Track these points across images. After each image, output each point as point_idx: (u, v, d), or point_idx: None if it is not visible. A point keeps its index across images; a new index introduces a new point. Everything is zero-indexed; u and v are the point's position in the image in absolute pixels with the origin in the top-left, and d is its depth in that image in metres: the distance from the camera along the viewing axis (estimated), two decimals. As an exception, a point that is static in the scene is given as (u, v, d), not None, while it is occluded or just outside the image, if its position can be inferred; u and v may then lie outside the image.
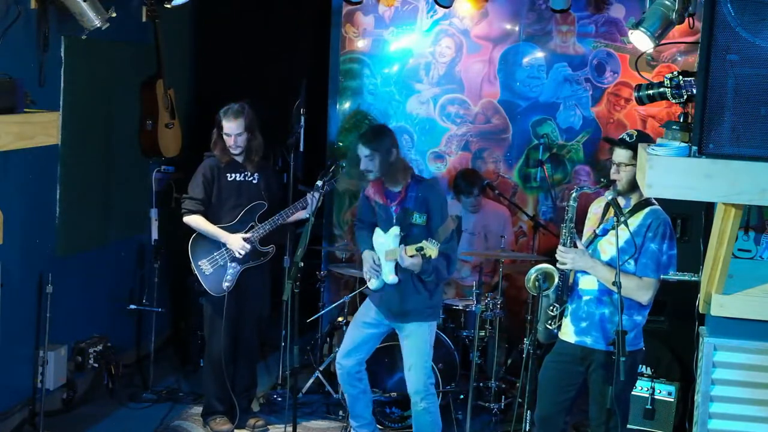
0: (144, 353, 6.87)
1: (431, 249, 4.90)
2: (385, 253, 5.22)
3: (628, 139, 4.41)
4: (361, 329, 5.42)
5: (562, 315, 4.60)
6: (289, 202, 5.98)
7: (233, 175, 5.75)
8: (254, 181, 5.79)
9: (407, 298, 5.24)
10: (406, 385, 5.32)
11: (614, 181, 4.45)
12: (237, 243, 5.65)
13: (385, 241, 5.24)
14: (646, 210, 4.46)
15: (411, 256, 5.02)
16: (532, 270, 4.59)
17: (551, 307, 4.58)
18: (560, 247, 4.50)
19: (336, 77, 7.35)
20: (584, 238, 4.62)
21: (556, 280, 4.54)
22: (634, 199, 4.49)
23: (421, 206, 5.18)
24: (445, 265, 5.20)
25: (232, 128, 5.65)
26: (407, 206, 5.20)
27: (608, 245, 4.46)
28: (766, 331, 4.06)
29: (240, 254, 5.65)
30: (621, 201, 4.48)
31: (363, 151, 5.16)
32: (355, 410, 5.49)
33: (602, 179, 4.55)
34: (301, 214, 5.72)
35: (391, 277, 5.23)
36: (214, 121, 5.77)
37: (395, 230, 5.20)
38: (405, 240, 5.17)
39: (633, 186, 4.39)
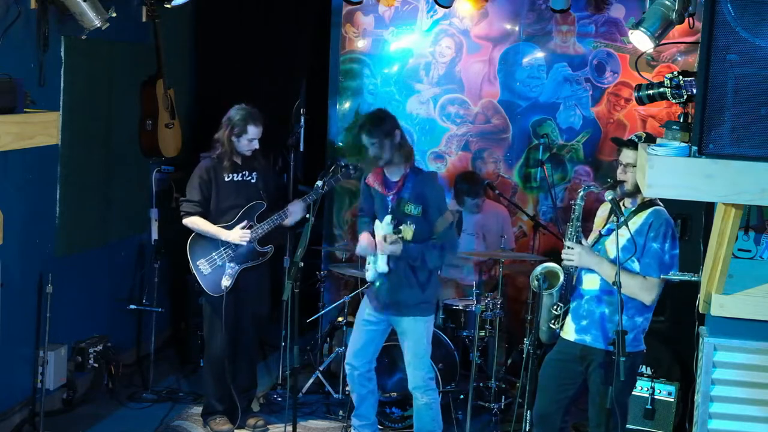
0: (144, 353, 6.87)
1: (408, 231, 5.03)
2: (377, 243, 5.25)
3: (637, 140, 4.42)
4: (362, 327, 5.42)
5: (565, 315, 4.60)
6: (288, 202, 5.97)
7: (231, 175, 5.74)
8: (252, 181, 5.79)
9: (399, 289, 5.24)
10: (407, 381, 5.33)
11: (621, 182, 4.47)
12: (236, 234, 5.64)
13: (380, 230, 5.25)
14: (649, 210, 4.46)
15: (392, 243, 5.08)
16: (539, 267, 4.61)
17: (555, 306, 4.58)
18: (566, 245, 4.51)
19: (336, 77, 7.34)
20: (590, 239, 4.63)
21: (561, 279, 4.55)
22: (639, 200, 4.51)
23: (417, 198, 5.20)
24: (437, 255, 5.20)
25: (257, 133, 5.66)
26: (402, 196, 5.22)
27: (611, 244, 4.46)
28: (766, 331, 4.06)
29: (243, 243, 5.64)
30: (627, 201, 4.52)
31: (367, 140, 5.19)
32: (360, 410, 5.49)
33: (608, 179, 4.56)
34: (288, 222, 5.72)
35: (382, 266, 5.23)
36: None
37: (388, 219, 5.21)
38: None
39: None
